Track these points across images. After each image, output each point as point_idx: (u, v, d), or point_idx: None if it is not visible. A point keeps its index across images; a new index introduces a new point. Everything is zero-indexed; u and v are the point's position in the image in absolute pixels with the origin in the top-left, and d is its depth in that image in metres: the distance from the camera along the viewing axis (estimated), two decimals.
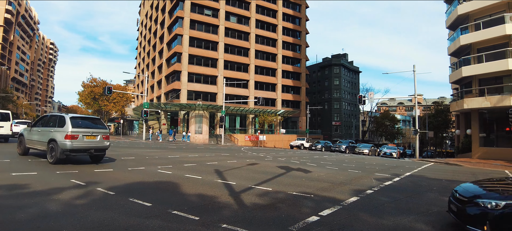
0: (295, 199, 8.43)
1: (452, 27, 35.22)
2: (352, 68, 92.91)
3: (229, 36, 57.84)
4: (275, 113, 60.16)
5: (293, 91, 67.66)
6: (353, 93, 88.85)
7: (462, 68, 31.43)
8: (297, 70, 68.09)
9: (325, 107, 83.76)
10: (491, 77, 30.35)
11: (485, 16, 30.96)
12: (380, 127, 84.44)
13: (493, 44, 29.84)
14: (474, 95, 31.32)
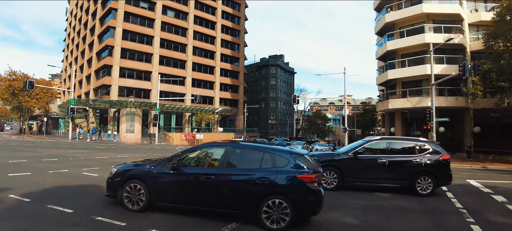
0: None
1: (380, 34, 37.80)
2: (288, 69, 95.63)
3: (166, 30, 55.75)
4: (212, 111, 59.51)
5: (231, 89, 67.58)
6: (288, 93, 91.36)
7: (388, 71, 33.93)
8: (236, 69, 68.23)
9: (262, 106, 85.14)
10: (412, 80, 33.15)
11: (408, 25, 33.68)
12: (313, 125, 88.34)
13: (414, 51, 32.60)
14: (398, 96, 33.95)
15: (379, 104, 39.82)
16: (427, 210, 8.26)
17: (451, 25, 31.72)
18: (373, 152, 10.70)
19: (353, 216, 7.33)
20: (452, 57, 31.38)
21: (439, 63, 30.74)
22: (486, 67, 26.00)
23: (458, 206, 8.90)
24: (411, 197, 10.02)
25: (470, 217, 7.67)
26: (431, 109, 26.07)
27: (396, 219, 7.23)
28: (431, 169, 10.20)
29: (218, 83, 63.17)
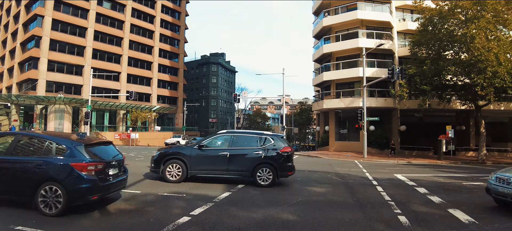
0: (166, 200, 8.02)
1: (317, 37, 39.33)
2: (229, 68, 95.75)
3: (101, 22, 52.28)
4: (149, 109, 56.96)
5: (170, 86, 65.54)
6: (229, 92, 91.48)
7: (324, 73, 35.48)
8: (175, 65, 66.33)
9: (202, 105, 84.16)
10: (346, 82, 35.02)
11: (344, 30, 35.50)
12: (253, 124, 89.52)
13: (349, 54, 34.47)
14: (332, 97, 35.64)
15: (314, 104, 41.48)
16: (359, 204, 8.67)
17: (382, 32, 34.07)
18: (219, 145, 11.11)
19: (290, 212, 7.44)
20: (382, 62, 33.67)
21: (371, 67, 32.82)
22: (411, 71, 28.24)
23: (387, 198, 9.49)
24: (344, 192, 10.50)
25: (397, 208, 8.20)
26: (362, 109, 27.75)
27: (331, 214, 7.47)
28: (271, 161, 10.62)
29: (156, 79, 60.78)
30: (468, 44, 25.34)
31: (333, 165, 19.74)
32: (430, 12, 27.96)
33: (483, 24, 24.80)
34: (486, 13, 25.34)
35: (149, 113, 56.42)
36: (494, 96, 26.24)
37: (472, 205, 8.84)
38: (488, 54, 24.14)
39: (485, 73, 24.49)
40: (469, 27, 25.13)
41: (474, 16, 25.40)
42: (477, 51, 24.48)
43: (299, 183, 11.90)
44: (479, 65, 24.56)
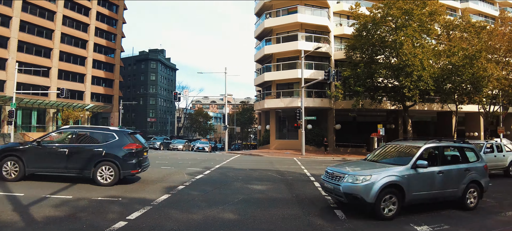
0: (100, 205, 7.55)
1: (259, 38, 39.89)
2: (169, 65, 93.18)
3: (29, 12, 47.48)
4: (82, 108, 53.09)
5: (105, 84, 61.80)
6: (169, 90, 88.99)
7: (265, 74, 36.14)
8: (111, 61, 62.67)
9: (140, 103, 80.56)
10: (286, 83, 36.01)
11: (284, 32, 36.40)
12: (195, 123, 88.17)
13: (289, 56, 35.46)
14: (273, 97, 36.43)
15: (256, 103, 42.08)
16: (298, 200, 8.95)
17: (320, 35, 35.53)
18: (61, 141, 10.63)
19: (231, 211, 7.44)
20: (319, 64, 35.12)
21: (309, 69, 34.08)
22: (346, 74, 29.87)
23: (324, 194, 9.90)
24: (283, 189, 10.75)
25: (334, 202, 8.61)
26: (301, 109, 28.75)
27: (272, 210, 7.61)
28: (113, 158, 9.95)
29: (90, 76, 56.72)
30: (397, 50, 27.56)
31: (274, 163, 20.17)
32: (365, 18, 29.84)
33: (410, 32, 27.21)
34: (413, 22, 27.78)
35: (82, 112, 52.62)
36: (419, 98, 28.83)
37: None
38: (414, 59, 26.46)
39: (411, 76, 26.78)
40: (398, 34, 27.39)
41: (403, 24, 27.71)
42: (405, 57, 26.68)
43: (241, 181, 11.97)
44: (406, 69, 26.80)
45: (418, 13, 27.69)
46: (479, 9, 48.97)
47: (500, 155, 15.79)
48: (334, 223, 6.74)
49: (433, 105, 37.63)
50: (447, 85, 29.89)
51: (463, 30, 32.24)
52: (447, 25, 32.47)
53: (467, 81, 28.95)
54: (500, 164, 15.73)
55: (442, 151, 8.53)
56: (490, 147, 15.80)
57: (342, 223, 6.77)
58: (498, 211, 8.57)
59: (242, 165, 18.29)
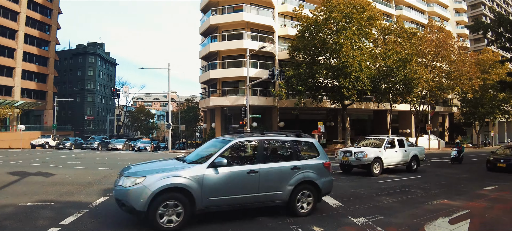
0: (29, 211, 6.96)
1: (204, 34, 39.40)
2: (109, 60, 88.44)
3: None
4: (11, 104, 48.37)
5: (37, 78, 56.69)
6: (109, 86, 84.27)
7: (210, 71, 35.79)
8: (45, 54, 57.58)
9: (77, 100, 75.40)
10: (231, 81, 36.01)
11: (230, 30, 36.33)
12: (136, 122, 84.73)
13: (234, 54, 35.46)
14: (218, 95, 36.24)
15: (201, 101, 41.58)
16: None
17: (265, 35, 36.02)
18: None
19: None
20: (264, 63, 35.61)
21: (254, 67, 34.44)
22: (289, 73, 30.67)
23: None
24: None
25: None
26: (246, 107, 28.96)
27: None
28: None
29: (20, 70, 51.52)
30: (337, 52, 28.91)
31: None
32: (308, 20, 30.84)
33: (350, 35, 28.69)
34: (352, 26, 29.33)
35: (10, 110, 47.80)
36: (357, 97, 30.64)
37: (339, 192, 10.05)
38: (353, 61, 27.97)
39: (350, 77, 28.24)
40: (338, 37, 28.76)
41: (343, 27, 29.16)
42: (344, 58, 28.08)
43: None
44: (345, 70, 28.20)
45: (358, 17, 29.31)
46: (412, 17, 53.09)
47: (401, 150, 15.88)
48: (276, 218, 6.83)
49: (370, 104, 40.02)
50: (383, 85, 31.99)
51: (397, 35, 34.74)
52: (383, 30, 34.74)
53: (400, 82, 31.22)
54: (402, 160, 15.91)
55: (263, 147, 7.16)
56: (391, 142, 15.74)
57: (283, 218, 6.88)
58: (426, 200, 9.31)
59: None
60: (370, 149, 14.96)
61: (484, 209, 8.36)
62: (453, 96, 50.37)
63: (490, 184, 12.66)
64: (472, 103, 46.41)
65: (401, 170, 16.55)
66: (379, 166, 14.59)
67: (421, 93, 36.86)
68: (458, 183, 12.98)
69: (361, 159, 14.25)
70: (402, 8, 52.49)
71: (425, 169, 17.95)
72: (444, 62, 38.38)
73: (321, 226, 6.47)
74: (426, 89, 35.96)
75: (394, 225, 6.68)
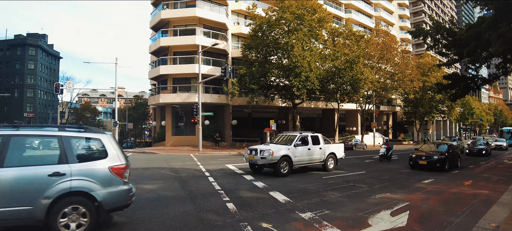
0: None
1: (155, 29, 38.19)
2: (52, 53, 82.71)
3: None
4: None
5: None
6: (52, 81, 78.70)
7: (160, 66, 34.80)
8: None
9: (15, 95, 69.74)
10: (183, 77, 35.29)
11: (182, 25, 35.54)
12: (81, 119, 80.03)
13: (186, 50, 34.77)
14: (169, 91, 35.35)
15: (151, 98, 40.30)
16: (191, 196, 8.81)
17: (218, 32, 35.74)
18: None
19: (117, 213, 6.91)
20: (217, 60, 35.32)
21: (206, 64, 34.03)
22: (242, 71, 30.73)
23: (217, 188, 9.99)
24: (177, 187, 10.50)
25: (226, 196, 8.72)
26: (198, 105, 28.56)
27: (162, 210, 7.33)
28: None
29: None
30: (288, 52, 29.48)
31: (169, 160, 19.60)
32: (261, 20, 31.10)
33: (301, 36, 29.41)
34: (304, 27, 30.07)
35: None
36: (306, 96, 31.47)
37: (288, 188, 10.21)
38: (303, 61, 28.69)
39: (300, 77, 28.93)
40: (290, 37, 29.35)
41: (294, 28, 29.81)
42: (295, 58, 28.71)
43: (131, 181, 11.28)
44: (296, 70, 28.84)
45: (309, 19, 30.08)
46: (360, 20, 55.54)
47: (316, 147, 14.61)
48: (225, 216, 6.82)
49: (319, 103, 41.27)
50: (331, 85, 33.13)
51: (346, 37, 36.19)
52: (333, 32, 35.98)
53: (347, 83, 32.52)
54: (316, 158, 14.69)
55: (8, 144, 5.14)
56: (303, 139, 14.37)
57: (233, 215, 6.88)
58: (370, 194, 9.73)
59: (133, 164, 17.17)
60: (278, 147, 13.58)
61: (421, 201, 8.91)
62: (396, 97, 53.55)
63: (427, 177, 13.56)
64: (413, 103, 49.83)
65: (346, 166, 17.17)
66: (287, 165, 13.19)
67: (367, 93, 38.77)
68: (399, 177, 13.72)
69: (267, 157, 12.79)
70: (351, 11, 54.74)
71: (369, 164, 18.81)
72: (389, 65, 40.73)
73: (269, 222, 6.50)
74: (371, 89, 37.89)
75: (340, 219, 6.89)
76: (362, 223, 6.64)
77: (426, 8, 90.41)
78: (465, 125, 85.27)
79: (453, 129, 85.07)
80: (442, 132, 76.77)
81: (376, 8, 63.67)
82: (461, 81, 24.75)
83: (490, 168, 18.70)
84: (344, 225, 6.47)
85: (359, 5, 56.93)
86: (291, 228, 6.17)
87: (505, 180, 13.37)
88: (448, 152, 16.76)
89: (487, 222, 6.80)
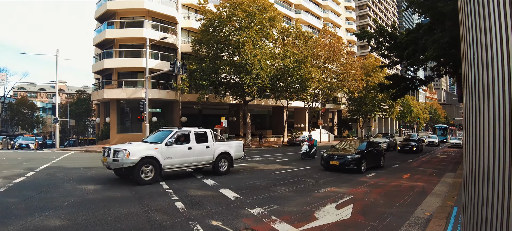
0: None
1: (100, 20, 36.20)
2: None
3: None
4: None
5: None
6: None
7: (105, 60, 33.06)
8: None
9: None
10: (129, 71, 33.87)
11: (129, 17, 34.05)
12: (17, 115, 73.64)
13: (133, 43, 33.39)
14: (114, 86, 33.75)
15: (94, 93, 38.15)
16: (138, 196, 8.51)
17: (168, 26, 34.73)
18: None
19: (59, 217, 6.47)
20: (166, 55, 34.35)
21: (155, 59, 32.96)
22: (192, 67, 30.22)
23: (165, 187, 9.76)
24: (123, 186, 10.10)
25: (175, 195, 8.57)
26: (145, 101, 27.62)
27: (108, 211, 7.01)
28: None
29: None
30: (239, 49, 29.52)
31: None
32: (212, 15, 30.74)
33: (252, 34, 29.57)
34: (254, 25, 30.26)
35: None
36: (257, 94, 31.77)
37: (238, 184, 10.27)
38: (254, 59, 28.91)
39: (251, 74, 29.13)
40: (241, 35, 29.39)
41: (246, 26, 29.87)
42: (246, 56, 28.83)
43: (73, 182, 10.62)
44: (247, 68, 28.99)
45: (260, 17, 30.32)
46: (309, 21, 57.12)
47: (200, 146, 12.17)
48: (174, 216, 6.69)
49: (269, 101, 41.84)
50: (280, 84, 33.72)
51: (295, 37, 37.02)
52: (283, 32, 36.59)
53: (296, 81, 33.31)
54: (201, 159, 12.23)
55: None
56: (182, 136, 11.96)
57: (182, 215, 6.77)
58: (316, 189, 10.11)
59: (75, 163, 16.35)
60: (140, 146, 10.95)
61: (364, 194, 9.44)
62: (342, 95, 55.99)
63: (370, 172, 14.37)
64: (357, 102, 52.51)
65: (283, 162, 17.57)
66: (153, 169, 10.52)
67: (314, 92, 40.04)
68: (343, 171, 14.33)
69: (120, 160, 10.02)
70: (301, 12, 56.12)
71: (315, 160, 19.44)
72: (335, 65, 42.39)
73: (219, 219, 6.49)
74: (318, 88, 39.20)
75: (288, 213, 7.08)
76: (309, 216, 6.88)
77: (371, 12, 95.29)
78: (404, 122, 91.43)
79: (394, 126, 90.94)
80: (384, 129, 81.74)
81: (325, 10, 65.87)
82: (401, 82, 26.49)
83: (425, 162, 20.38)
84: (292, 219, 6.67)
85: (308, 6, 58.50)
86: (241, 225, 6.22)
87: (438, 173, 14.61)
88: (367, 150, 15.21)
89: (422, 212, 7.45)
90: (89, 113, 67.14)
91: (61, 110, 57.31)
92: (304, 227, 6.19)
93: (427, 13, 18.99)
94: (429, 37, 18.02)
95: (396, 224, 6.54)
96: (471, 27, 1.96)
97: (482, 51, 1.81)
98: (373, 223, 6.53)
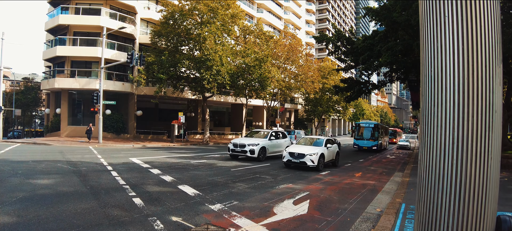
0: None
1: (54, 4, 34.11)
2: None
3: None
4: None
5: None
6: None
7: (57, 47, 31.26)
8: None
9: None
10: (83, 61, 32.31)
11: (86, 3, 32.43)
12: None
13: (88, 31, 31.87)
14: (66, 75, 32.04)
15: (44, 82, 35.95)
16: (93, 192, 8.24)
17: (126, 15, 33.54)
18: None
19: (7, 213, 6.11)
20: (123, 45, 33.18)
21: (111, 48, 31.71)
22: (150, 59, 29.49)
23: (122, 182, 9.52)
24: (76, 181, 9.71)
25: (132, 191, 8.39)
26: (99, 92, 26.57)
27: (61, 206, 6.73)
28: None
29: None
30: (200, 44, 29.22)
31: (65, 153, 17.87)
32: (173, 7, 30.12)
33: (214, 29, 29.37)
34: (217, 21, 30.08)
35: None
36: (217, 90, 31.63)
37: (198, 181, 10.26)
38: (215, 55, 28.76)
39: (211, 70, 28.94)
40: (203, 29, 29.09)
41: (208, 21, 29.62)
42: (207, 51, 28.60)
43: (21, 176, 10.01)
44: (207, 63, 28.76)
45: (222, 13, 30.19)
46: (270, 21, 57.79)
47: None
48: (132, 211, 6.59)
49: (228, 98, 41.87)
50: (240, 81, 33.84)
51: (257, 36, 37.37)
52: (244, 29, 36.74)
53: (256, 80, 33.58)
54: None
55: None
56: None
57: (140, 210, 6.69)
58: (274, 185, 10.40)
59: (22, 156, 15.37)
60: None
61: (319, 191, 9.87)
62: (299, 96, 57.37)
63: (325, 169, 14.97)
64: (313, 102, 54.16)
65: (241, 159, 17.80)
66: None
67: (273, 91, 40.66)
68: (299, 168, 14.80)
69: None
70: (263, 11, 56.63)
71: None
72: (294, 66, 43.32)
73: (179, 215, 6.49)
74: (277, 88, 39.86)
75: (248, 209, 7.25)
76: (268, 212, 7.10)
77: (330, 16, 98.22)
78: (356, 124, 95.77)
79: (346, 127, 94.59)
80: (337, 129, 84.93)
81: (286, 11, 66.98)
82: (356, 85, 27.72)
83: (376, 162, 21.55)
84: (252, 214, 6.84)
85: (270, 6, 59.16)
86: (201, 220, 6.27)
87: (387, 172, 15.56)
88: None
89: (374, 208, 7.97)
90: (37, 103, 63.02)
91: (6, 99, 53.37)
92: (263, 222, 6.38)
93: (382, 22, 20.02)
94: (384, 45, 19.05)
95: (350, 219, 6.94)
96: (429, 44, 2.27)
97: (438, 65, 2.14)
98: (328, 218, 6.88)
